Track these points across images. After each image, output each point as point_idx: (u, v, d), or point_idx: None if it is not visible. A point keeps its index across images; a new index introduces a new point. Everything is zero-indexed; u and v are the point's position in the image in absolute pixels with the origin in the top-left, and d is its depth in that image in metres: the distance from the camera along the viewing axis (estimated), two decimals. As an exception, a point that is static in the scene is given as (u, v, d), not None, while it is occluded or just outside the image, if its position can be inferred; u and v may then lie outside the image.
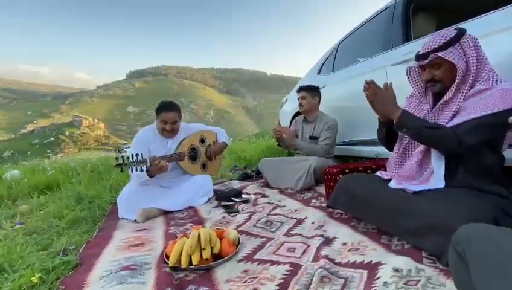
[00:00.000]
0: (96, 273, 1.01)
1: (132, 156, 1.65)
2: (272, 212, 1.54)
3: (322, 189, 1.93)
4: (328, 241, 1.13)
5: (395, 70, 1.86)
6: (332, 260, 0.95)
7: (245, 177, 2.74)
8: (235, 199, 1.85)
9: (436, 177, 1.08)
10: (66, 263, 1.10)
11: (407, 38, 1.89)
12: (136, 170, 1.65)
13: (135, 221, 1.66)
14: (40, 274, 1.00)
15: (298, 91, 2.26)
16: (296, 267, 0.93)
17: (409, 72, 1.23)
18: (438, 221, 0.89)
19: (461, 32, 1.03)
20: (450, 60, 1.03)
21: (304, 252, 1.05)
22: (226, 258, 1.01)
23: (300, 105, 2.24)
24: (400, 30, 1.93)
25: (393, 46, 1.94)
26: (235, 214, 1.59)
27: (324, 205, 1.60)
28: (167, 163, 1.81)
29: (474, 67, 1.02)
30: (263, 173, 2.31)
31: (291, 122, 3.24)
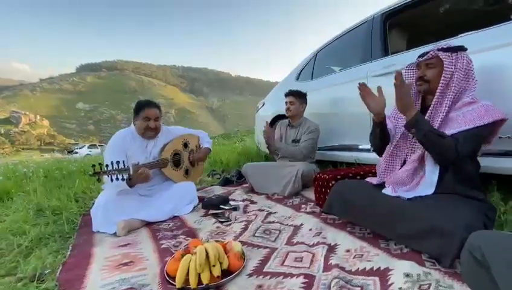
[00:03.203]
0: (87, 301, 0.88)
1: (112, 163, 1.49)
2: (266, 220, 1.53)
3: (308, 194, 1.98)
4: (331, 248, 1.15)
5: (376, 81, 1.98)
6: (343, 269, 0.97)
7: (226, 182, 2.68)
8: (224, 207, 1.78)
9: (426, 183, 1.17)
10: (45, 291, 0.95)
11: (385, 52, 2.03)
12: (117, 179, 1.49)
13: (114, 234, 1.50)
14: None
15: (287, 95, 2.29)
16: (310, 279, 0.93)
17: (407, 70, 1.28)
18: (438, 225, 0.96)
19: (462, 48, 1.14)
20: (442, 59, 1.13)
21: (311, 262, 1.05)
22: (236, 273, 0.97)
23: (288, 109, 2.27)
24: (378, 44, 2.06)
25: (373, 58, 2.07)
26: (228, 223, 1.53)
27: (315, 210, 1.63)
28: (150, 171, 1.67)
29: (459, 81, 1.13)
30: (247, 178, 2.27)
31: (270, 126, 3.27)
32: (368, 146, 2.09)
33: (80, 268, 1.12)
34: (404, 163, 1.25)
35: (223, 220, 1.58)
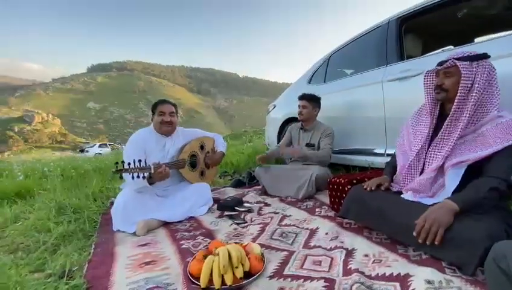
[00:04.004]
0: (116, 298, 0.92)
1: (134, 162, 1.54)
2: (282, 223, 1.55)
3: (322, 197, 1.99)
4: (349, 253, 1.16)
5: (392, 85, 1.98)
6: (362, 273, 0.98)
7: (238, 184, 2.71)
8: (239, 209, 1.81)
9: (447, 192, 1.17)
10: (75, 287, 0.99)
11: (401, 56, 2.03)
12: (138, 177, 1.54)
13: (133, 234, 1.55)
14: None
15: (300, 99, 2.30)
16: (331, 283, 0.94)
17: (427, 76, 1.27)
18: (458, 234, 0.96)
19: (484, 56, 1.12)
20: (460, 69, 1.12)
21: (331, 266, 1.06)
22: (257, 275, 0.99)
23: (300, 113, 2.28)
24: (394, 48, 2.06)
25: (389, 62, 2.07)
26: (244, 225, 1.56)
27: (330, 214, 1.65)
28: (169, 170, 1.72)
29: (480, 91, 1.11)
30: (260, 180, 2.30)
31: (281, 128, 3.29)
32: (383, 150, 2.09)
33: (105, 266, 1.17)
34: (422, 171, 1.25)
35: (239, 221, 1.61)
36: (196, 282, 0.96)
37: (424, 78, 1.28)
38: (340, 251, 1.16)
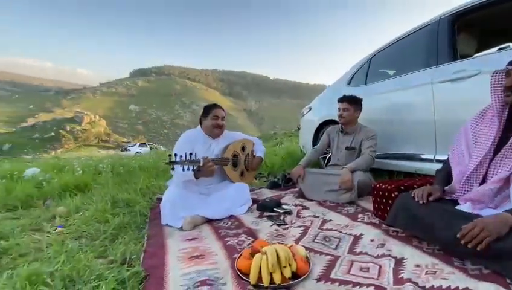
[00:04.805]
0: (172, 287, 0.99)
1: (186, 155, 1.64)
2: (323, 227, 1.53)
3: (363, 203, 1.92)
4: (398, 262, 1.11)
5: (443, 87, 1.86)
6: (416, 284, 0.94)
7: (273, 185, 2.73)
8: (278, 210, 1.83)
9: (511, 205, 1.07)
10: (135, 274, 1.09)
11: (454, 56, 1.90)
12: (188, 169, 1.64)
13: (180, 228, 1.65)
14: (113, 286, 0.98)
15: (341, 101, 2.25)
16: (381, 291, 0.92)
17: (494, 77, 1.18)
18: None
19: None
20: None
21: (379, 273, 1.04)
22: (304, 277, 1.00)
23: (341, 116, 2.23)
24: (446, 48, 1.94)
25: (439, 63, 1.95)
26: (285, 226, 1.58)
27: (374, 221, 1.59)
28: (215, 166, 1.82)
29: None
30: (298, 183, 2.29)
31: (316, 132, 3.24)
32: (431, 156, 1.97)
33: (158, 257, 1.26)
34: (483, 180, 1.16)
35: (279, 223, 1.63)
36: (245, 278, 1.00)
37: (492, 79, 1.19)
38: (389, 259, 1.12)
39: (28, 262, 1.20)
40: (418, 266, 1.07)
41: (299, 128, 4.27)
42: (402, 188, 1.50)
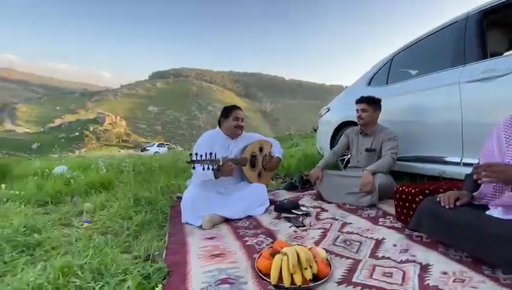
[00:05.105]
0: (194, 284, 1.02)
1: (206, 154, 1.68)
2: (343, 230, 1.51)
3: (385, 206, 1.87)
4: (423, 268, 1.08)
5: (471, 87, 1.78)
6: (443, 292, 0.91)
7: (290, 187, 2.72)
8: (296, 212, 1.82)
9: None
10: (159, 270, 1.12)
11: (483, 54, 1.81)
12: (208, 168, 1.67)
13: (199, 227, 1.68)
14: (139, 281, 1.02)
15: (359, 102, 2.20)
16: (407, 297, 0.90)
17: None
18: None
19: None
20: None
21: (403, 279, 1.01)
22: (325, 279, 0.99)
23: (360, 117, 2.18)
24: (474, 46, 1.85)
25: (467, 62, 1.86)
26: (303, 228, 1.57)
27: (396, 225, 1.55)
28: (235, 166, 1.84)
29: None
30: (316, 185, 2.26)
31: (334, 133, 3.19)
32: (458, 159, 1.89)
33: (180, 254, 1.30)
34: None
35: (298, 224, 1.62)
36: (265, 278, 1.01)
37: None
38: (414, 265, 1.09)
39: (60, 255, 1.27)
40: (444, 273, 1.03)
41: (314, 130, 4.22)
42: (427, 192, 1.45)
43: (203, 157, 1.66)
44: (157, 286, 1.02)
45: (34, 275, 1.03)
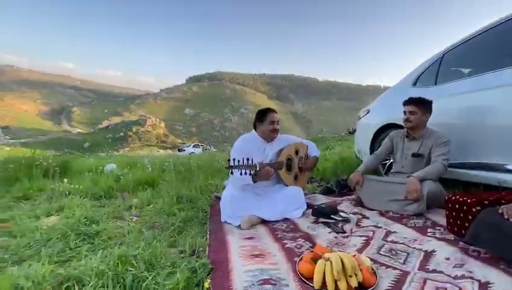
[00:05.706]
0: (238, 282, 1.05)
1: (243, 159, 1.72)
2: (388, 239, 1.44)
3: (433, 216, 1.74)
4: (482, 286, 0.98)
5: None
6: (509, 314, 0.82)
7: (327, 191, 2.65)
8: (335, 217, 1.78)
9: None
10: (203, 265, 1.18)
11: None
12: (245, 173, 1.71)
13: (238, 226, 1.73)
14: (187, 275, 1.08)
15: (407, 103, 2.06)
16: (465, 316, 0.83)
17: None
18: None
19: None
20: None
21: (460, 297, 0.93)
22: (371, 289, 0.96)
23: (407, 120, 2.05)
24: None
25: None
26: (344, 235, 1.53)
27: (448, 237, 1.43)
28: (272, 170, 1.86)
29: None
30: (356, 190, 2.18)
31: (374, 136, 3.04)
32: (522, 167, 1.69)
33: (221, 252, 1.35)
34: None
35: (338, 230, 1.58)
36: (308, 282, 1.00)
37: None
38: (471, 282, 1.00)
39: (117, 245, 1.40)
40: (509, 294, 0.93)
41: (349, 132, 4.07)
42: (486, 202, 1.32)
43: (240, 163, 1.70)
44: (206, 281, 1.07)
45: (96, 262, 1.15)
